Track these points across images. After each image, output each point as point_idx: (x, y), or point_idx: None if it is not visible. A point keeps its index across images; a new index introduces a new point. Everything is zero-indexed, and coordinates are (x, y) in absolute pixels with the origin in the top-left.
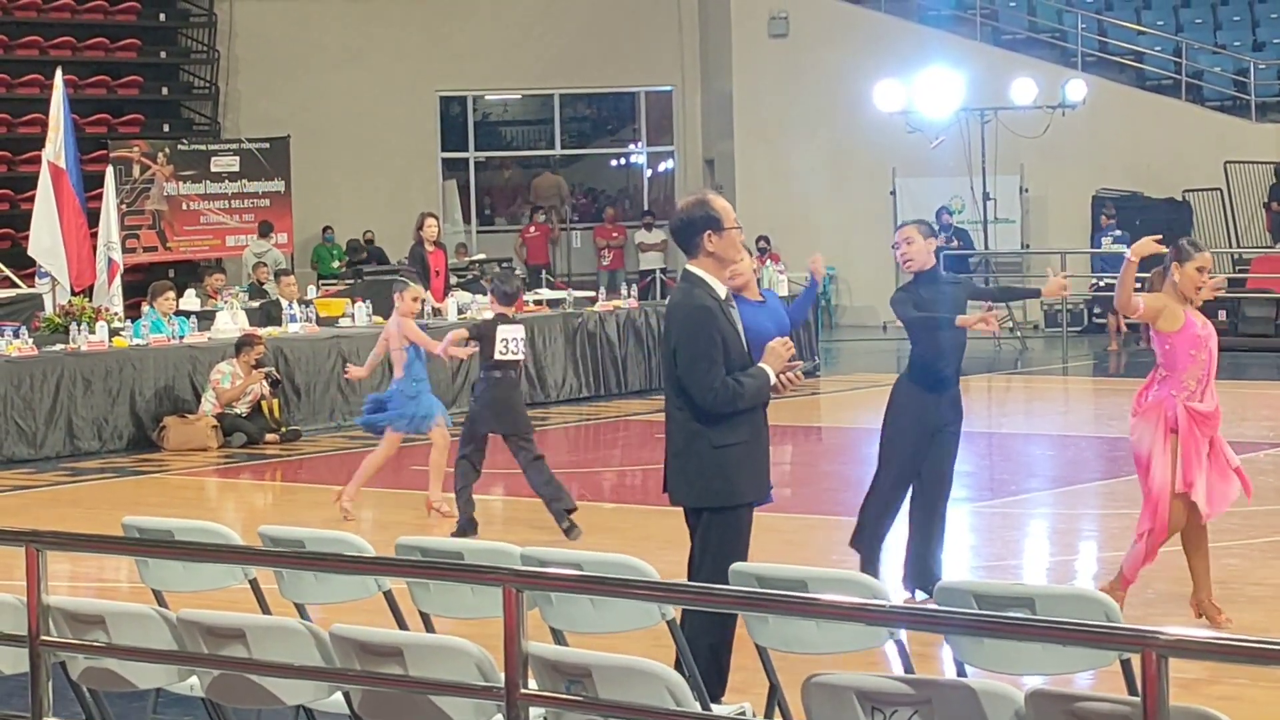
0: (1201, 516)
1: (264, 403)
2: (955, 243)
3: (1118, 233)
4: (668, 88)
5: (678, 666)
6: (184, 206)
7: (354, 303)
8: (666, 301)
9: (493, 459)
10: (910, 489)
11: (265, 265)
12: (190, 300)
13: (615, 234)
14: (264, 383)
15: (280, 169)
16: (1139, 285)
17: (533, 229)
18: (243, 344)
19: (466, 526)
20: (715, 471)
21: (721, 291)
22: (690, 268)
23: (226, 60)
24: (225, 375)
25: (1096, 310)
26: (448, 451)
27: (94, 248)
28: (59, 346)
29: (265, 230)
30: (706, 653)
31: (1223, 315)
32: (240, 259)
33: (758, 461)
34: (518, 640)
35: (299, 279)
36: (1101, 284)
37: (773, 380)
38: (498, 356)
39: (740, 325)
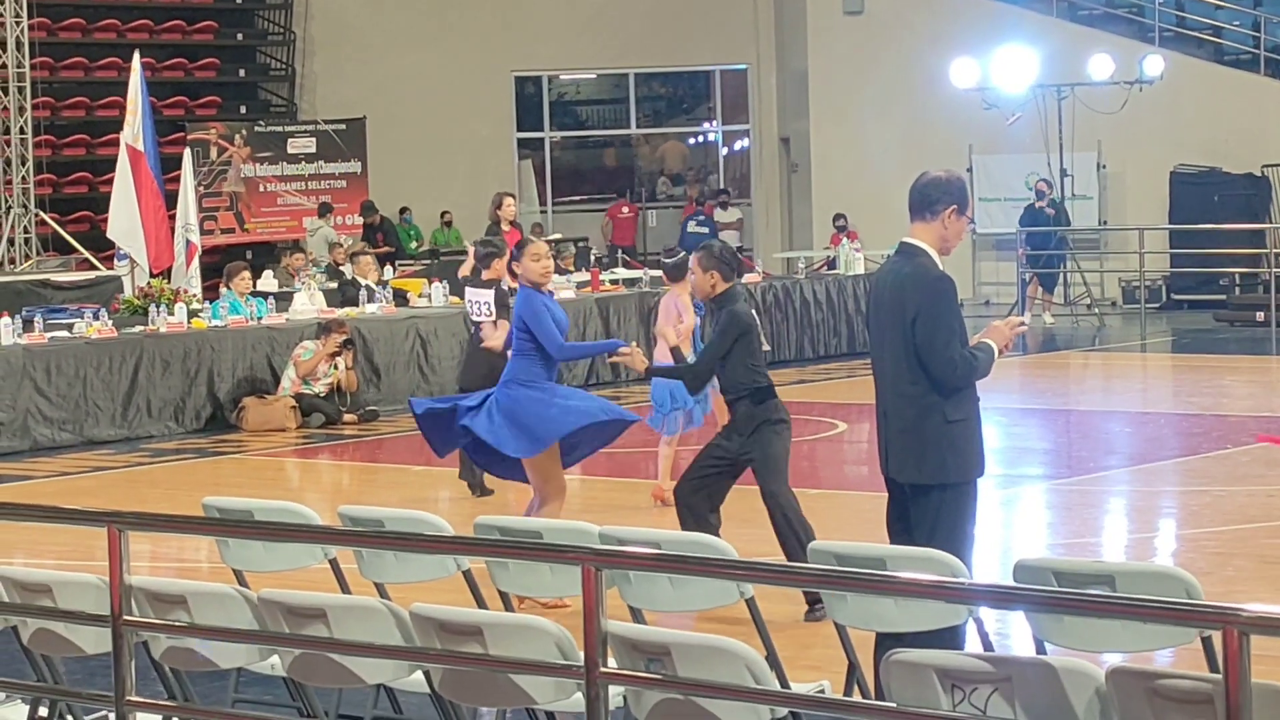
0: None
1: (340, 375)
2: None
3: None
4: (742, 66)
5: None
6: (261, 188)
7: (431, 283)
8: (877, 274)
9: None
10: None
11: (342, 246)
12: (268, 281)
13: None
14: (342, 348)
15: (356, 150)
16: None
17: (625, 209)
18: (326, 328)
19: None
20: (949, 447)
21: (942, 267)
22: (911, 240)
23: (303, 42)
24: (309, 350)
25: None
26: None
27: (172, 230)
28: (138, 328)
29: (324, 210)
30: None
31: None
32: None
33: (980, 436)
34: (597, 619)
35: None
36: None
37: (996, 355)
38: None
39: None
